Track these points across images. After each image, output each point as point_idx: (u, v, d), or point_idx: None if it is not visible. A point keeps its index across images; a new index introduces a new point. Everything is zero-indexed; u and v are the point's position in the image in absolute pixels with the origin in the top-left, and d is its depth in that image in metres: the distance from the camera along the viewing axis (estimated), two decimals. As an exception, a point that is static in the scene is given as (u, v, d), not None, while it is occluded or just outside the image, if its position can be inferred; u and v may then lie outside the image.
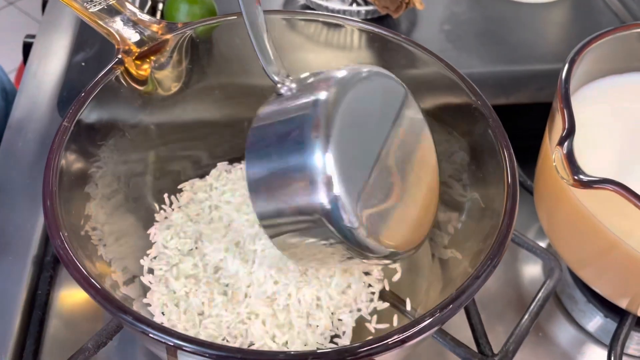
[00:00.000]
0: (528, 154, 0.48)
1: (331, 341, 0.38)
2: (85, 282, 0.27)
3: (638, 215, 0.33)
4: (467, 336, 0.43)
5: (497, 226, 0.31)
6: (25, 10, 1.94)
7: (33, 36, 0.73)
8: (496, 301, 0.49)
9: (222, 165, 0.48)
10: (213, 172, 0.48)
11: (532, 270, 0.51)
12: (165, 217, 0.45)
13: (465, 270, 0.34)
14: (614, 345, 0.42)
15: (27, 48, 0.71)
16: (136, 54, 0.39)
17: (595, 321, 0.47)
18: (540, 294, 0.42)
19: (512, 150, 0.34)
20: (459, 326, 0.44)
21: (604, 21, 0.63)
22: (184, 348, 0.27)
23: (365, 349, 0.26)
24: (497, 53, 0.57)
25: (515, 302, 0.49)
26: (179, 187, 0.46)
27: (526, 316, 0.41)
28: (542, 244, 0.52)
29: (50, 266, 0.47)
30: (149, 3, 0.61)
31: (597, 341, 0.47)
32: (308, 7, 0.65)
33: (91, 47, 0.58)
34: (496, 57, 0.57)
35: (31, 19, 1.89)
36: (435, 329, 0.28)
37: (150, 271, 0.41)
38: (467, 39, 0.59)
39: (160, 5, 0.61)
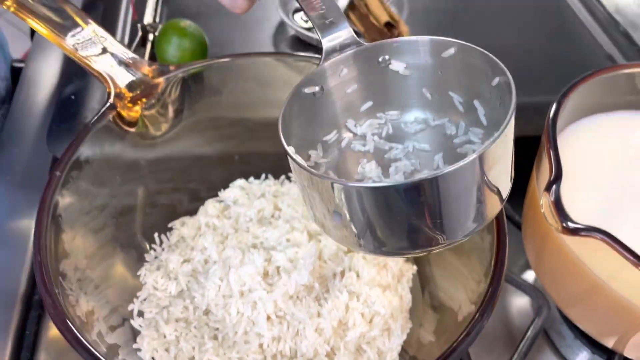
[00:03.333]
0: (516, 187, 0.49)
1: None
2: (78, 345, 0.26)
3: (622, 261, 0.34)
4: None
5: (487, 276, 0.31)
6: (12, 21, 1.93)
7: (20, 60, 0.72)
8: (485, 335, 0.50)
9: (211, 202, 0.48)
10: (201, 209, 0.48)
11: (519, 302, 0.52)
12: (156, 257, 0.45)
13: (456, 318, 0.34)
14: (602, 383, 0.43)
15: (14, 72, 0.70)
16: (128, 98, 0.39)
17: (583, 357, 0.47)
18: (529, 333, 0.43)
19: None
20: (448, 364, 0.45)
21: (592, 54, 0.64)
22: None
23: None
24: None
25: (504, 336, 0.49)
26: (169, 225, 0.46)
27: (515, 356, 0.41)
28: (530, 275, 0.53)
29: (38, 305, 0.46)
30: (139, 34, 0.61)
31: (585, 377, 0.47)
32: (298, 38, 0.65)
33: (80, 79, 0.58)
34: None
35: (18, 30, 1.88)
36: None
37: (140, 314, 0.41)
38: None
39: (151, 36, 0.61)
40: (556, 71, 0.62)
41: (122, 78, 0.39)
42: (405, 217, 0.30)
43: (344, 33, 0.36)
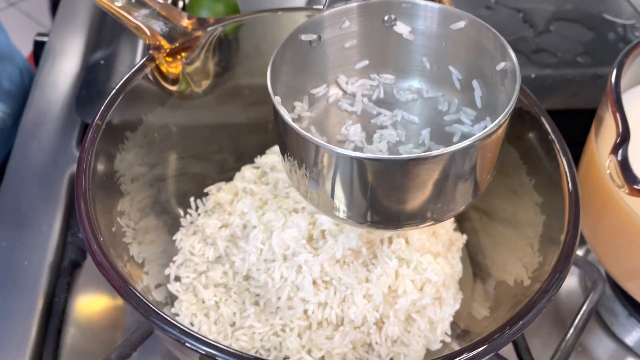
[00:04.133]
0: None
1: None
2: (126, 294, 0.25)
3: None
4: (507, 349, 0.41)
5: (558, 239, 0.29)
6: (27, 12, 1.92)
7: (44, 34, 0.71)
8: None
9: (248, 168, 0.46)
10: (237, 175, 0.46)
11: (568, 281, 0.49)
12: (191, 222, 0.43)
13: (512, 292, 0.32)
14: (660, 361, 0.40)
15: (38, 46, 0.69)
16: (167, 50, 0.37)
17: (636, 335, 0.45)
18: (584, 308, 0.40)
19: (570, 157, 0.33)
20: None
21: (634, 28, 0.62)
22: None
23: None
24: (528, 58, 0.56)
25: (552, 314, 0.47)
26: (205, 190, 0.44)
27: (571, 331, 0.39)
28: (579, 251, 0.51)
29: (67, 272, 0.45)
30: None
31: (638, 356, 0.45)
32: (331, 8, 0.63)
33: (109, 45, 0.56)
34: (527, 63, 0.55)
35: (33, 21, 1.87)
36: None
37: (177, 279, 0.39)
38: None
39: (181, 3, 0.59)
40: (601, 44, 0.60)
41: (161, 30, 0.37)
42: (389, 191, 0.29)
43: None
